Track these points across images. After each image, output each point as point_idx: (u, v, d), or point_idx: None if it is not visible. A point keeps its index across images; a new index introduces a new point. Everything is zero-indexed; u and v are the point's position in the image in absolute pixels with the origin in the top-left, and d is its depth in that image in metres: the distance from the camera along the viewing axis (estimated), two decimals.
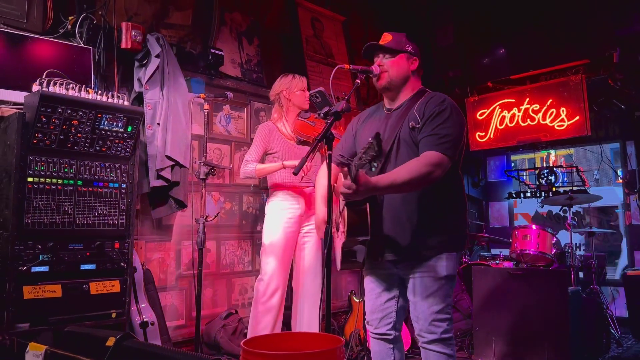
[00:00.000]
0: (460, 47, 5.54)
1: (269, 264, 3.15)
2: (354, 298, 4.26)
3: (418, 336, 2.09)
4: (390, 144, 2.09)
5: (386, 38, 2.20)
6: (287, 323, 3.46)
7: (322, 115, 2.15)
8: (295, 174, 1.99)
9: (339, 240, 2.28)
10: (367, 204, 2.00)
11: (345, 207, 1.99)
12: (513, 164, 6.52)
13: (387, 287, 2.21)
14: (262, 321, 3.12)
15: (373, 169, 2.05)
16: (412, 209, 2.07)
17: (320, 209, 2.31)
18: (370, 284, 2.25)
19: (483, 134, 5.51)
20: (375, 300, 2.22)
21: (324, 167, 2.40)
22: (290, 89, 3.30)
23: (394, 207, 2.08)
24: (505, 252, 4.88)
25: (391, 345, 2.20)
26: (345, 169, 1.80)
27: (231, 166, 3.15)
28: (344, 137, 2.42)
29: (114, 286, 2.63)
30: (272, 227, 3.19)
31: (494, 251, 5.60)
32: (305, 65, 4.47)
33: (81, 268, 2.53)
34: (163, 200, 3.27)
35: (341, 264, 2.17)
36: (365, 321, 2.30)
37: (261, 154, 3.23)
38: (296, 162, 3.06)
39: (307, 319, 3.24)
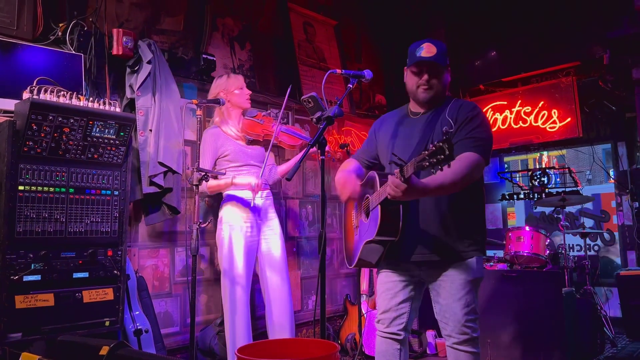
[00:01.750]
0: (452, 51, 5.56)
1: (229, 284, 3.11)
2: (350, 302, 4.26)
3: (447, 337, 2.10)
4: (423, 149, 2.10)
5: (431, 49, 2.13)
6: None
7: (314, 120, 2.15)
8: (288, 179, 1.99)
9: (353, 238, 2.29)
10: (401, 205, 2.01)
11: (379, 206, 1.99)
12: (506, 166, 6.53)
13: (405, 288, 2.22)
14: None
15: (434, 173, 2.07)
16: (444, 212, 2.10)
17: (355, 186, 2.22)
18: (388, 284, 2.25)
19: None
20: (390, 300, 2.22)
21: (346, 163, 2.39)
22: (227, 89, 3.25)
23: (426, 210, 2.10)
24: (500, 253, 4.88)
25: (399, 346, 2.21)
26: (397, 170, 1.78)
27: (225, 172, 3.13)
28: (366, 141, 2.44)
29: (107, 294, 2.61)
30: (229, 243, 3.13)
31: (489, 253, 5.60)
32: (298, 69, 4.48)
33: (74, 276, 2.51)
34: (156, 206, 3.25)
35: (357, 261, 2.18)
36: (375, 320, 2.29)
37: (213, 162, 3.20)
38: (246, 180, 3.06)
39: (277, 321, 3.20)
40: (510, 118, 5.31)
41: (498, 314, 3.60)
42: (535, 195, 5.39)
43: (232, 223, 3.14)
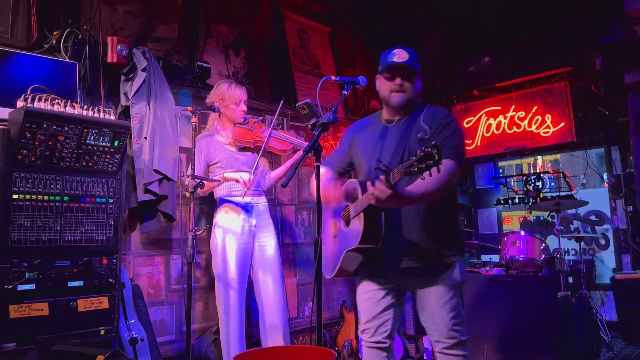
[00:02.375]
0: (446, 56, 5.60)
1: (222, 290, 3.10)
2: (346, 308, 4.25)
3: (436, 343, 2.12)
4: (400, 157, 2.12)
5: (403, 55, 2.18)
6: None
7: (309, 126, 2.16)
8: (283, 186, 1.99)
9: (332, 247, 2.28)
10: (383, 212, 2.01)
11: (363, 213, 2.00)
12: (501, 171, 6.56)
13: (385, 295, 2.23)
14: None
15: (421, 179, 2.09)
16: (424, 218, 2.11)
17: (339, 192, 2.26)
18: (369, 292, 2.26)
19: (470, 141, 5.55)
20: (372, 308, 2.24)
21: (323, 172, 2.39)
22: (224, 100, 3.23)
23: (406, 217, 2.11)
24: (495, 258, 4.90)
25: (385, 354, 2.23)
26: (383, 177, 1.80)
27: (220, 179, 3.13)
28: (340, 147, 2.44)
29: (102, 303, 2.60)
30: (223, 248, 3.13)
31: (484, 258, 5.62)
32: (293, 76, 4.49)
33: (68, 285, 2.49)
34: (151, 214, 3.25)
35: (337, 271, 2.17)
36: (359, 330, 2.29)
37: (204, 168, 3.21)
38: (237, 175, 3.06)
39: (270, 324, 3.19)
40: (505, 123, 5.34)
41: (494, 318, 3.60)
42: (530, 200, 5.41)
43: (226, 228, 3.14)
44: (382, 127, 2.27)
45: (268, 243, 3.28)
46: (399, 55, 2.17)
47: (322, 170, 2.39)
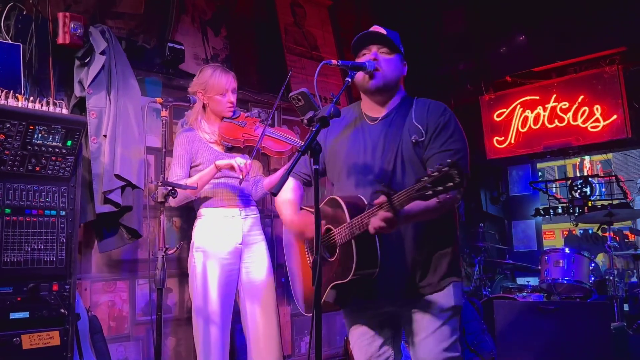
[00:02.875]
0: (473, 35, 5.61)
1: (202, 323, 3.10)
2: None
3: None
4: (392, 164, 2.12)
5: (379, 30, 2.24)
6: None
7: (305, 121, 2.15)
8: (274, 194, 1.99)
9: (308, 278, 2.30)
10: (377, 236, 2.02)
11: (354, 241, 2.01)
12: (540, 174, 6.58)
13: (380, 328, 2.26)
14: None
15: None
16: (418, 238, 2.13)
17: (294, 217, 2.33)
18: (360, 328, 2.29)
19: (502, 138, 5.57)
20: (368, 346, 2.26)
21: (289, 183, 2.43)
22: (206, 91, 3.23)
23: (401, 237, 2.13)
24: (534, 281, 4.90)
25: None
26: (384, 197, 1.82)
27: (197, 185, 3.13)
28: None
29: (53, 338, 2.59)
30: (203, 274, 3.11)
31: (520, 281, 5.62)
32: (285, 59, 4.50)
33: (10, 317, 2.48)
34: (112, 229, 3.24)
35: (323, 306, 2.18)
36: None
37: (188, 169, 3.20)
38: (230, 160, 3.05)
39: None
40: (544, 116, 5.35)
41: (533, 354, 3.59)
42: (576, 209, 5.41)
43: (207, 248, 3.14)
44: (363, 125, 2.27)
45: (258, 265, 3.27)
46: (374, 29, 2.24)
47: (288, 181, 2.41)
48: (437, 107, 2.18)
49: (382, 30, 2.23)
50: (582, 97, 5.15)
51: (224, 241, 3.17)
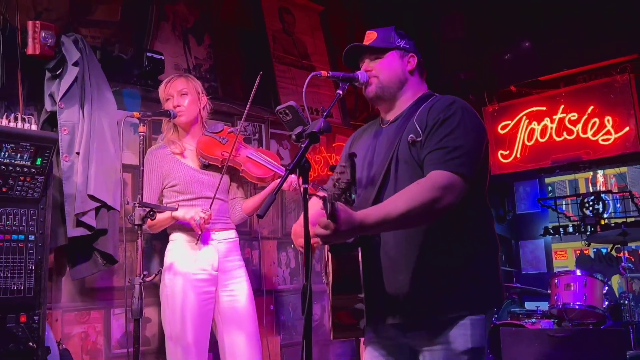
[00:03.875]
0: (474, 41, 5.66)
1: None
2: None
3: None
4: (386, 167, 2.09)
5: (370, 36, 2.25)
6: None
7: (294, 137, 2.16)
8: (260, 216, 1.99)
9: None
10: (359, 248, 2.00)
11: (330, 254, 1.97)
12: (549, 190, 6.61)
13: None
14: None
15: (353, 202, 2.06)
16: (419, 253, 2.03)
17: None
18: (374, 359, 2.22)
19: (507, 152, 5.59)
20: None
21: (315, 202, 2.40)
22: (162, 103, 3.31)
23: (396, 251, 2.06)
24: (544, 306, 4.89)
25: None
26: (321, 202, 1.77)
27: (177, 206, 3.13)
28: (339, 163, 2.44)
29: None
30: (174, 299, 3.11)
31: (529, 306, 5.61)
32: (273, 69, 4.53)
33: None
34: (85, 254, 3.23)
35: (332, 332, 2.15)
36: None
37: (159, 193, 3.22)
38: (188, 213, 3.03)
39: None
40: (552, 128, 5.38)
41: None
42: (588, 227, 5.43)
43: (179, 275, 3.13)
44: (377, 129, 2.30)
45: (237, 292, 3.26)
46: (366, 38, 2.24)
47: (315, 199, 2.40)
48: (443, 102, 2.10)
49: (374, 34, 2.24)
50: (592, 107, 5.19)
51: (197, 267, 3.16)
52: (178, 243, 3.21)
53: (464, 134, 2.00)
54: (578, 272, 4.24)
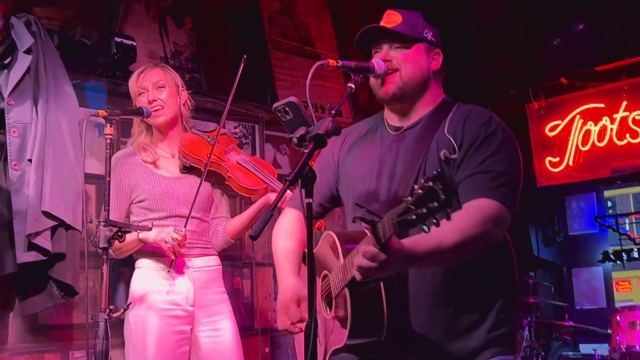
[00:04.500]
0: (516, 24, 5.66)
1: None
2: None
3: None
4: (411, 187, 2.10)
5: (394, 18, 2.21)
6: None
7: (295, 141, 2.16)
8: (253, 237, 1.98)
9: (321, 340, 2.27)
10: (382, 282, 2.01)
11: (347, 289, 1.98)
12: (609, 205, 6.58)
13: None
14: None
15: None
16: (445, 289, 2.08)
17: (289, 281, 2.29)
18: None
19: (557, 159, 5.58)
20: None
21: (283, 221, 2.42)
22: (133, 99, 3.26)
23: (420, 286, 2.09)
24: (603, 349, 4.88)
25: None
26: (368, 227, 1.77)
27: (151, 226, 3.13)
28: (318, 172, 2.41)
29: None
30: (141, 336, 3.11)
31: (584, 349, 5.60)
32: (269, 57, 4.54)
33: None
34: (39, 285, 3.23)
35: None
36: None
37: (127, 208, 3.21)
38: (159, 235, 3.02)
39: None
40: (612, 130, 5.36)
41: None
42: None
43: (148, 308, 3.12)
44: (382, 136, 2.29)
45: (220, 331, 3.25)
46: (387, 19, 2.21)
47: (287, 215, 2.42)
48: (479, 115, 2.14)
49: (398, 16, 2.21)
50: None
51: (169, 301, 3.14)
52: (145, 271, 3.18)
53: (507, 158, 2.07)
54: None
